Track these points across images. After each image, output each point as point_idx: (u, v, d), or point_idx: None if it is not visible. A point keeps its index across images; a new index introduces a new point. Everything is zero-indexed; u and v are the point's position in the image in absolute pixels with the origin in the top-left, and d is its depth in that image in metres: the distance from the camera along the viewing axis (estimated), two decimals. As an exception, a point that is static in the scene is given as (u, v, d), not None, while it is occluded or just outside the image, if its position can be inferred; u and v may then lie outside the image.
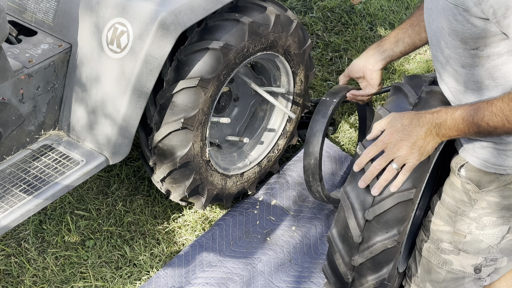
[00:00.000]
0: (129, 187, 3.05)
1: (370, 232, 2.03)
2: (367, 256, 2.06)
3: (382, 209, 1.98)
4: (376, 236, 2.03)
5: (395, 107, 2.04)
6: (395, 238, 2.02)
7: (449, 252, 2.08)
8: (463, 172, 1.99)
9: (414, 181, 1.98)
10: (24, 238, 2.78)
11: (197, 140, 2.57)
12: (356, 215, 2.03)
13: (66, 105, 2.56)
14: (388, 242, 2.02)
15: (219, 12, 2.57)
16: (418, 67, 3.86)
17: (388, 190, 1.97)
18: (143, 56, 2.36)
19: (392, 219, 2.00)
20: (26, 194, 2.35)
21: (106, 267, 2.69)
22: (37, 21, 2.59)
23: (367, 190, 1.99)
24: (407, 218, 2.03)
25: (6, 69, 2.31)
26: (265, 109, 3.05)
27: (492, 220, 2.00)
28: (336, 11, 4.32)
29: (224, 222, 2.85)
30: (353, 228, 2.04)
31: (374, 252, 2.04)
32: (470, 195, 2.00)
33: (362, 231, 2.03)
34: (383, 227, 2.01)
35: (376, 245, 2.03)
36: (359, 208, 2.02)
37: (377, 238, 2.03)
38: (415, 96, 2.05)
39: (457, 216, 2.04)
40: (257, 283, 2.60)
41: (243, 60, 2.60)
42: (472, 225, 2.02)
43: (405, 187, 1.97)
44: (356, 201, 2.03)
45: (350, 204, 2.04)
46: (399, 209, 1.99)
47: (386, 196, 1.98)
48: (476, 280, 2.08)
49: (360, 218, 2.02)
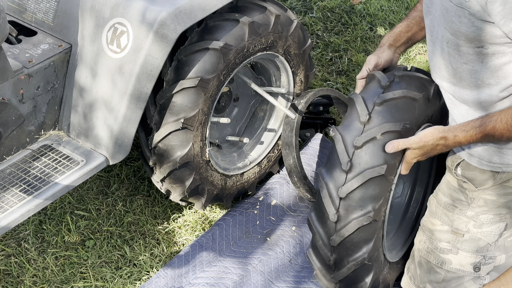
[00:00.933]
0: (129, 187, 3.05)
1: (345, 210, 2.10)
2: (344, 234, 2.12)
3: (355, 186, 2.06)
4: (351, 214, 2.10)
5: (368, 92, 2.15)
6: (370, 215, 2.08)
7: (447, 252, 2.08)
8: (459, 171, 2.00)
9: (386, 158, 2.06)
10: (24, 238, 2.78)
11: (197, 140, 2.57)
12: (331, 194, 2.11)
13: (66, 105, 2.56)
14: (363, 219, 2.09)
15: (219, 12, 2.57)
16: (418, 67, 3.86)
17: (359, 166, 2.06)
18: (143, 56, 2.36)
19: (366, 197, 2.08)
20: (26, 194, 2.35)
21: (106, 267, 2.69)
22: (37, 21, 2.59)
23: (340, 169, 2.08)
24: (382, 195, 2.09)
25: (6, 69, 2.31)
26: (265, 109, 3.05)
27: (489, 217, 2.00)
28: (336, 11, 4.32)
29: (224, 222, 2.85)
30: (328, 206, 2.12)
31: (351, 230, 2.11)
32: (467, 193, 2.01)
33: (337, 210, 2.11)
34: (357, 205, 2.09)
35: (352, 222, 2.10)
36: (333, 187, 2.11)
37: (352, 216, 2.10)
38: (386, 80, 2.15)
39: (455, 215, 2.04)
40: (257, 283, 2.60)
41: (243, 60, 2.60)
42: (470, 224, 2.02)
43: (376, 163, 2.05)
44: (330, 180, 2.12)
45: (325, 184, 2.12)
46: (372, 185, 2.07)
47: (358, 173, 2.06)
48: (475, 278, 2.08)
49: (335, 197, 2.10)
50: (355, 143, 2.07)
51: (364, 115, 2.08)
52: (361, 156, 2.07)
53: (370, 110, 2.10)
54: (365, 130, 2.08)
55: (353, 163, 2.07)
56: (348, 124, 2.13)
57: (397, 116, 2.09)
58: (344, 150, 2.09)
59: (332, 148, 2.14)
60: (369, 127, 2.08)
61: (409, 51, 3.99)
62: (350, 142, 2.09)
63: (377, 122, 2.08)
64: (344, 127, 2.13)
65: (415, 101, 2.12)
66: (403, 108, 2.10)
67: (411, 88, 2.14)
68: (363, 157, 2.06)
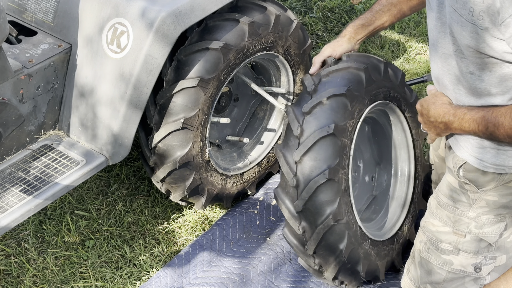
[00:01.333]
0: (129, 187, 3.05)
1: (302, 173, 2.21)
2: (305, 197, 2.21)
3: (307, 147, 2.19)
4: (308, 174, 2.20)
5: (298, 103, 2.30)
6: (325, 173, 2.18)
7: (449, 253, 2.08)
8: (461, 173, 1.99)
9: (335, 119, 2.21)
10: (24, 238, 2.78)
11: (197, 140, 2.57)
12: (288, 162, 2.23)
13: (66, 105, 2.56)
14: (319, 178, 2.18)
15: (219, 12, 2.57)
16: (418, 67, 3.86)
17: (309, 129, 2.20)
18: (143, 56, 2.36)
19: (319, 157, 2.19)
20: (26, 194, 2.35)
21: (106, 267, 2.69)
22: (37, 21, 2.59)
23: (292, 136, 2.22)
24: (336, 155, 2.21)
25: (6, 69, 2.31)
26: (265, 109, 3.05)
27: (490, 218, 2.00)
28: (336, 11, 4.32)
29: (224, 222, 2.85)
30: (287, 173, 2.23)
31: (310, 191, 2.20)
32: (468, 195, 2.00)
33: (295, 174, 2.22)
34: (312, 166, 2.20)
35: (309, 183, 2.19)
36: (288, 154, 2.24)
37: (310, 176, 2.20)
38: (312, 84, 2.29)
39: (456, 216, 2.04)
40: (257, 283, 2.60)
41: (243, 60, 2.60)
42: (472, 225, 2.02)
43: (325, 123, 2.20)
44: (285, 148, 2.25)
45: (282, 154, 2.26)
46: (324, 145, 2.19)
47: (309, 135, 2.20)
48: (476, 279, 2.08)
49: (291, 163, 2.22)
50: (303, 110, 2.23)
51: (311, 86, 2.28)
52: (310, 120, 2.22)
53: (316, 82, 2.28)
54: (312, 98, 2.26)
55: (303, 127, 2.22)
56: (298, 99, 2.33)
57: (342, 82, 2.27)
58: (295, 118, 2.24)
59: (287, 123, 2.31)
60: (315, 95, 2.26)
61: (409, 51, 3.99)
62: (299, 112, 2.25)
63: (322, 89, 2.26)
64: (295, 101, 2.35)
65: (344, 96, 2.26)
66: (333, 109, 2.24)
67: (340, 84, 2.28)
68: (312, 120, 2.22)
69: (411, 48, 4.01)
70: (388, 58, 3.90)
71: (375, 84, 2.37)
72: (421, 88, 3.65)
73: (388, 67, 2.45)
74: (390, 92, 2.44)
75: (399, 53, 3.97)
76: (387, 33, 4.15)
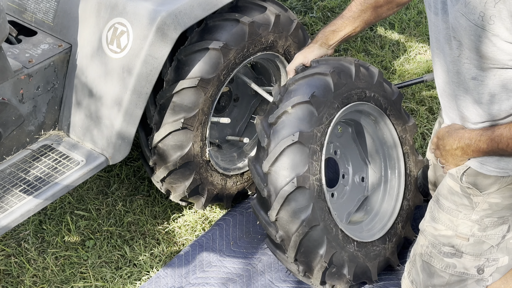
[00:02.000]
0: (129, 187, 3.05)
1: (272, 183, 2.24)
2: (277, 207, 2.22)
3: (274, 157, 2.22)
4: (278, 184, 2.22)
5: (266, 114, 2.34)
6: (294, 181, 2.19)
7: (452, 256, 2.07)
8: (464, 178, 1.98)
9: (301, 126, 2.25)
10: (24, 238, 2.78)
11: (197, 140, 2.57)
12: (258, 173, 2.28)
13: (66, 105, 2.56)
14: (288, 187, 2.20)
15: (219, 12, 2.57)
16: (418, 67, 3.86)
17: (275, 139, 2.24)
18: (143, 56, 2.36)
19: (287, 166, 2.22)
20: (26, 194, 2.35)
21: (106, 267, 2.69)
22: (37, 21, 2.59)
23: (262, 148, 2.27)
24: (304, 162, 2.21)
25: (6, 69, 2.31)
26: (265, 109, 3.05)
27: (493, 220, 2.00)
28: (336, 11, 4.32)
29: (224, 222, 2.85)
30: (258, 184, 2.28)
31: (281, 201, 2.21)
32: (471, 198, 2.00)
33: (265, 184, 2.25)
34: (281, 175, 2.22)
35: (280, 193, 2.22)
36: (259, 165, 2.28)
37: (279, 186, 2.22)
38: (277, 94, 2.35)
39: (459, 220, 2.03)
40: (257, 283, 2.60)
41: (243, 60, 2.60)
42: (475, 228, 2.02)
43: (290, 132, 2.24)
44: (255, 161, 2.32)
45: (253, 166, 2.31)
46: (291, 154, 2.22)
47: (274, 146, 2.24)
48: (479, 280, 2.08)
49: (261, 173, 2.27)
50: (270, 121, 2.27)
51: (277, 97, 2.33)
52: (277, 130, 2.25)
53: (282, 93, 2.33)
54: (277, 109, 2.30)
55: (270, 139, 2.25)
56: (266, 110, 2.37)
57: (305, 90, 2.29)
58: (262, 130, 2.29)
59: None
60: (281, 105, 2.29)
61: (409, 51, 3.99)
62: (266, 124, 2.29)
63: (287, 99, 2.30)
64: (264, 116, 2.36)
65: (309, 103, 2.26)
66: (298, 117, 2.26)
67: (306, 90, 2.29)
68: (278, 131, 2.25)
69: (411, 48, 4.01)
70: (388, 58, 3.90)
71: (346, 87, 2.36)
72: (420, 88, 3.65)
73: (360, 67, 2.44)
74: (365, 92, 2.43)
75: (399, 53, 3.97)
76: (387, 33, 4.15)
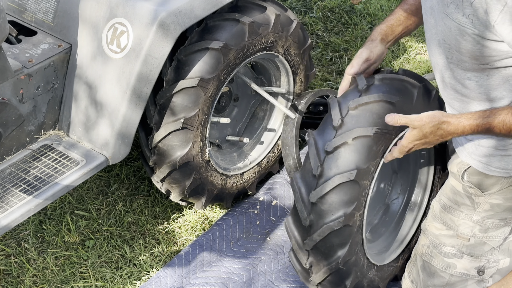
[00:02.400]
0: (129, 187, 3.05)
1: (317, 215, 2.10)
2: (316, 239, 2.12)
3: (325, 191, 2.06)
4: (322, 218, 2.10)
5: (345, 96, 2.14)
6: (340, 220, 2.08)
7: (452, 256, 2.07)
8: (466, 177, 1.98)
9: (358, 163, 2.05)
10: (24, 238, 2.78)
11: (197, 140, 2.57)
12: (303, 198, 2.12)
13: (66, 105, 2.56)
14: (334, 224, 2.08)
15: (219, 12, 2.57)
16: (418, 67, 3.86)
17: (329, 171, 2.06)
18: (143, 56, 2.36)
19: (337, 202, 2.07)
20: (26, 194, 2.35)
21: (106, 267, 2.69)
22: (37, 21, 2.59)
23: (312, 174, 2.09)
24: (354, 200, 2.08)
25: (6, 69, 2.31)
26: (265, 109, 3.05)
27: (495, 222, 1.99)
28: (336, 11, 4.32)
29: (224, 222, 2.85)
30: (301, 211, 2.13)
31: (322, 235, 2.11)
32: (473, 198, 1.99)
33: (309, 214, 2.11)
34: (328, 210, 2.09)
35: (323, 227, 2.10)
36: (305, 191, 2.11)
37: (323, 221, 2.10)
38: (364, 83, 2.12)
39: (460, 219, 2.03)
40: (257, 283, 2.60)
41: (243, 60, 2.60)
42: (476, 228, 2.01)
43: (347, 168, 2.05)
44: (302, 184, 2.13)
45: (298, 188, 2.13)
46: (343, 190, 2.06)
47: (328, 178, 2.06)
48: (479, 282, 2.08)
49: (307, 201, 2.11)
50: (326, 148, 2.06)
51: (337, 119, 2.07)
52: (332, 161, 2.06)
53: (343, 114, 2.08)
54: (336, 135, 2.07)
55: (324, 168, 2.07)
56: (322, 129, 2.13)
57: (371, 120, 2.06)
58: (316, 155, 2.09)
59: (307, 153, 2.14)
60: (341, 131, 2.07)
61: (409, 50, 3.99)
62: (322, 146, 2.09)
63: (349, 127, 2.06)
64: (319, 131, 2.13)
65: (392, 105, 2.08)
66: (378, 113, 2.07)
67: (391, 91, 2.11)
68: (334, 162, 2.06)
69: (411, 48, 4.01)
70: (388, 58, 3.90)
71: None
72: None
73: (421, 91, 2.22)
74: None
75: (399, 53, 3.97)
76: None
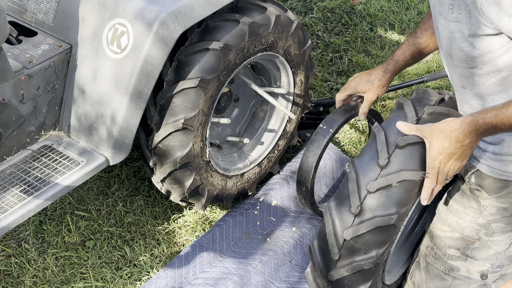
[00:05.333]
0: (129, 188, 3.05)
1: (348, 251, 2.02)
2: (342, 273, 2.05)
3: (361, 231, 1.96)
4: (354, 255, 2.02)
5: (392, 125, 1.99)
6: (372, 260, 2.00)
7: (456, 259, 2.06)
8: (473, 179, 1.98)
9: (398, 207, 1.95)
10: (24, 239, 2.78)
11: (197, 140, 2.57)
12: (336, 233, 2.02)
13: (67, 106, 2.56)
14: (365, 264, 2.02)
15: (219, 12, 2.57)
16: (418, 67, 3.87)
17: (368, 213, 1.95)
18: (143, 57, 2.36)
19: (371, 241, 1.99)
20: (26, 195, 2.35)
21: (106, 267, 2.69)
22: (37, 22, 2.59)
23: (349, 211, 1.98)
24: (388, 240, 2.00)
25: (6, 70, 2.31)
26: (265, 109, 3.05)
27: (501, 226, 1.98)
28: (336, 11, 4.32)
29: (224, 222, 2.85)
30: (332, 245, 2.04)
31: (350, 271, 2.04)
32: (479, 201, 1.99)
33: (340, 249, 2.02)
34: (361, 248, 2.00)
35: (353, 264, 2.02)
36: (339, 226, 2.01)
37: (354, 258, 2.02)
38: (414, 117, 2.00)
39: (466, 222, 2.02)
40: (257, 283, 2.60)
41: (243, 61, 2.60)
42: (481, 232, 2.01)
43: (387, 212, 1.94)
44: (337, 218, 2.02)
45: (332, 220, 2.03)
46: (379, 232, 1.97)
47: (366, 219, 1.95)
48: (481, 286, 2.07)
49: (340, 236, 2.01)
50: (368, 188, 1.94)
51: (383, 158, 1.94)
52: (373, 202, 1.94)
53: (390, 152, 1.95)
54: (381, 175, 1.94)
55: (363, 207, 1.95)
56: (366, 162, 1.99)
57: (418, 163, 1.92)
58: (356, 192, 1.97)
59: (344, 183, 2.03)
60: (386, 172, 1.94)
61: (409, 51, 3.98)
62: (364, 184, 1.96)
63: (395, 168, 1.93)
64: (361, 163, 2.00)
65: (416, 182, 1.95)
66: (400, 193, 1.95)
67: (416, 163, 1.95)
68: (375, 203, 1.94)
69: (411, 48, 4.01)
70: (388, 58, 3.90)
71: None
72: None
73: None
74: None
75: (399, 54, 3.97)
76: (387, 34, 4.15)
